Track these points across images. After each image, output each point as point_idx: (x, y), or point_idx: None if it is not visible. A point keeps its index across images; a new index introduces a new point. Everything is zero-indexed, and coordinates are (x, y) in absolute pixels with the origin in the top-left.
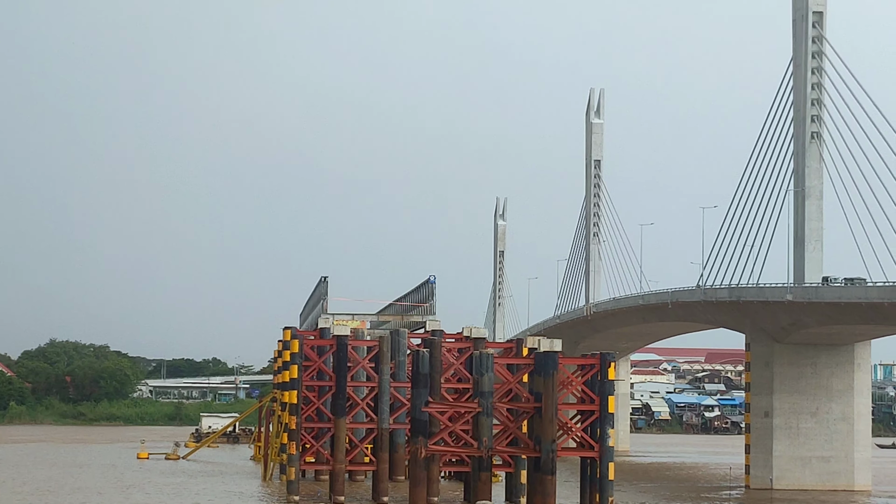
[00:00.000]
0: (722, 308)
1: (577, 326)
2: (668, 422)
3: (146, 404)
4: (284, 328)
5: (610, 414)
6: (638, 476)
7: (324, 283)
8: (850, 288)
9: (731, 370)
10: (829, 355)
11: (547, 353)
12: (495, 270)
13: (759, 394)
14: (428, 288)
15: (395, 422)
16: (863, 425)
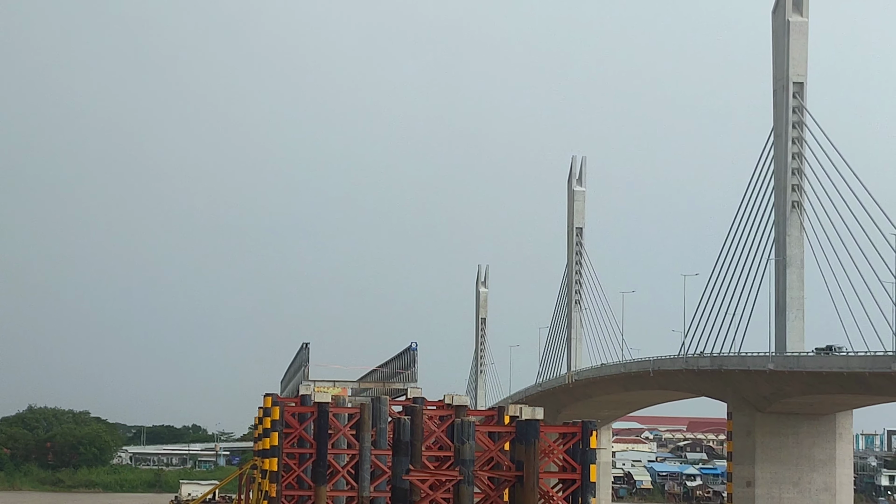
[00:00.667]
0: (704, 376)
1: (559, 394)
2: (649, 491)
3: (125, 471)
4: (265, 395)
5: (592, 483)
6: None
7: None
8: (832, 357)
9: (713, 439)
10: (810, 425)
11: (528, 422)
12: (477, 337)
13: (741, 463)
14: (409, 355)
15: (375, 490)
16: (845, 496)
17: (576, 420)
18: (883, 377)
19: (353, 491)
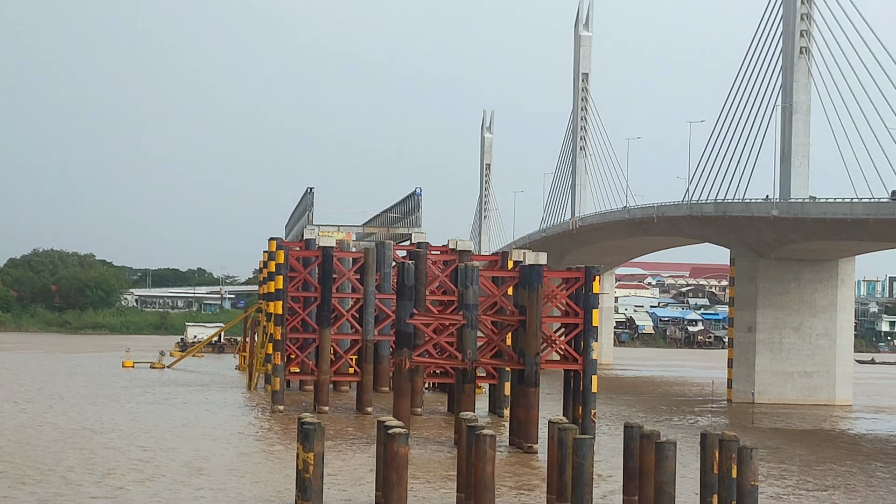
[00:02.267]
0: (707, 223)
1: (563, 240)
2: (651, 336)
3: (131, 313)
4: (270, 239)
5: (594, 327)
6: (621, 389)
7: (310, 194)
8: (836, 204)
9: (715, 285)
10: (813, 271)
11: (532, 267)
12: (481, 183)
13: (743, 308)
14: (414, 200)
15: (379, 333)
16: (845, 341)
17: (579, 265)
18: (886, 224)
19: (357, 334)
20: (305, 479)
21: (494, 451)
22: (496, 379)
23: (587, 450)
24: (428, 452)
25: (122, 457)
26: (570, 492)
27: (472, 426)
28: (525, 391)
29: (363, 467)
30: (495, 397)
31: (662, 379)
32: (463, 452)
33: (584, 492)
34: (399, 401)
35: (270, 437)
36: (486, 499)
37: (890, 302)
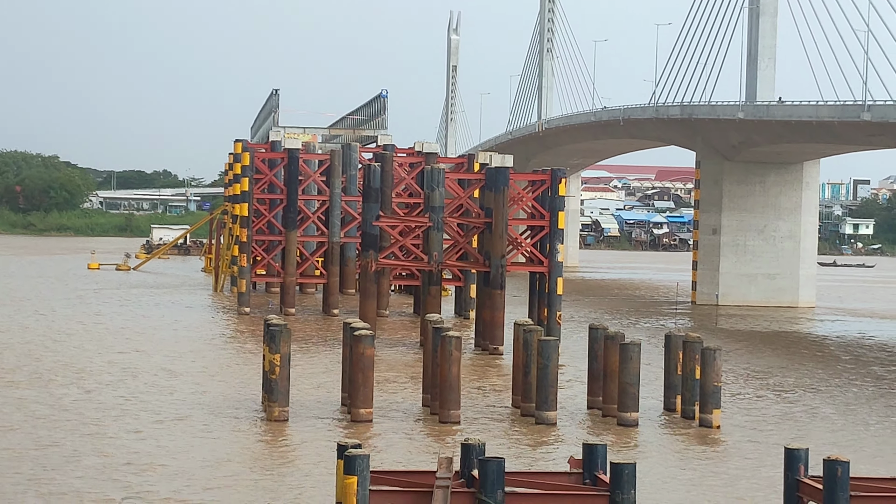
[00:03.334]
0: (673, 125)
1: (529, 143)
2: (617, 238)
3: (96, 215)
4: (235, 141)
5: (560, 230)
6: (586, 291)
7: (275, 95)
8: (801, 107)
9: (680, 188)
10: (777, 174)
11: (498, 169)
12: (448, 86)
13: (708, 211)
14: (380, 102)
15: (345, 235)
16: (809, 243)
17: (545, 168)
18: (851, 126)
19: (323, 236)
20: (272, 380)
21: (460, 352)
22: (462, 281)
23: (552, 351)
24: (394, 354)
25: (92, 359)
26: (534, 393)
27: (438, 328)
28: (491, 293)
29: (329, 369)
30: (461, 299)
31: (627, 281)
32: (429, 354)
33: (549, 393)
34: (365, 303)
35: (237, 338)
36: (451, 400)
37: (853, 205)
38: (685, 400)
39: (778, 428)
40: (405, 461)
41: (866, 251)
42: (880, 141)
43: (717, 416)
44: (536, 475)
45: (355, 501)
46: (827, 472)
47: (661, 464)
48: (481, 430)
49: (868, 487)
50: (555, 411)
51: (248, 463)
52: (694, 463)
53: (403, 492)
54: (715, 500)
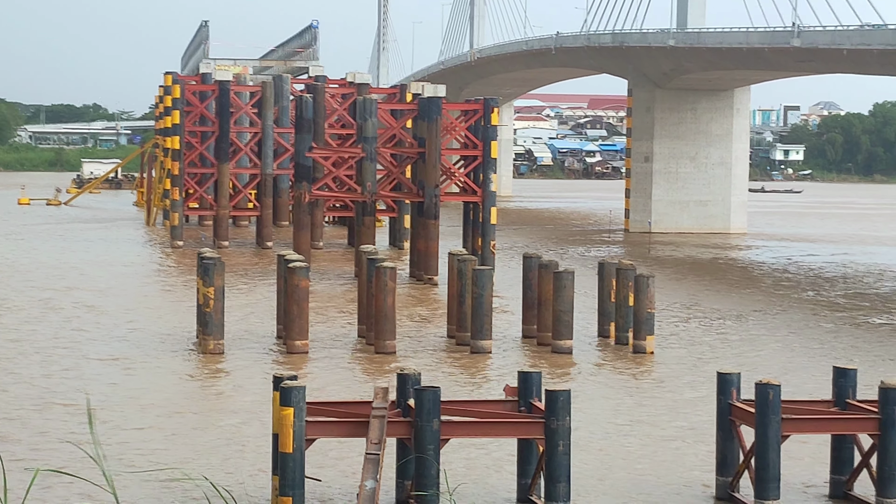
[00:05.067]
0: (605, 53)
1: (462, 72)
2: (550, 167)
3: (26, 150)
4: (165, 73)
5: (493, 159)
6: (520, 220)
7: (205, 27)
8: (731, 33)
9: (612, 116)
10: (709, 101)
11: (431, 99)
12: (379, 15)
13: (640, 139)
14: (311, 33)
15: (278, 167)
16: (740, 170)
17: (478, 97)
18: (781, 52)
19: (256, 168)
20: (206, 313)
21: (395, 282)
22: (396, 212)
23: (486, 280)
24: (328, 285)
25: (22, 294)
26: (469, 322)
27: (373, 259)
28: (425, 223)
29: (264, 301)
30: (395, 230)
31: (561, 210)
32: (363, 285)
33: (484, 322)
34: (299, 234)
35: (170, 272)
36: (386, 330)
37: (784, 131)
38: (619, 327)
39: (710, 353)
40: (341, 392)
41: (797, 177)
42: (810, 67)
43: (650, 342)
44: (472, 403)
45: (292, 433)
46: (759, 396)
47: (595, 390)
48: (417, 360)
49: (798, 410)
50: (490, 340)
51: (182, 396)
52: (628, 389)
53: (340, 422)
54: (648, 425)
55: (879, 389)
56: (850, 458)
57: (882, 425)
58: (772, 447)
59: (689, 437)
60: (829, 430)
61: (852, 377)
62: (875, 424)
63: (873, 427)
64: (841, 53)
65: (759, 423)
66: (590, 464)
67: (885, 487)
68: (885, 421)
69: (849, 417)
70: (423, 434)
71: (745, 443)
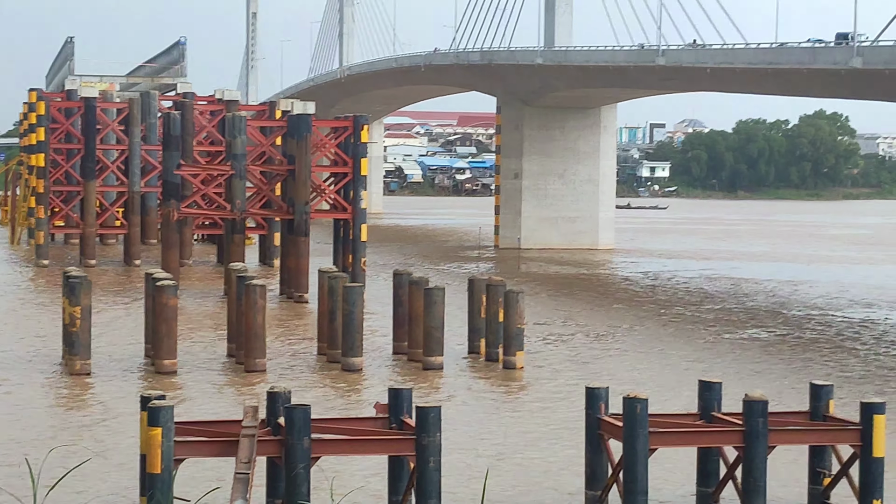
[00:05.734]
0: (474, 71)
1: (331, 89)
2: (420, 184)
3: None
4: (30, 90)
5: (363, 176)
6: (391, 238)
7: (70, 43)
8: (598, 51)
9: (482, 133)
10: (577, 118)
11: (300, 116)
12: (248, 32)
13: (509, 156)
14: (179, 50)
15: (146, 185)
16: (607, 186)
17: (347, 115)
18: (646, 70)
19: (123, 186)
20: (72, 333)
21: (265, 300)
22: (266, 229)
23: (357, 297)
24: (198, 304)
25: None
26: (340, 339)
27: (242, 276)
28: (295, 241)
29: (132, 320)
30: (265, 248)
31: (431, 227)
32: (233, 303)
33: (355, 339)
34: (167, 253)
35: (35, 292)
36: (256, 348)
37: (650, 148)
38: (489, 343)
39: (579, 368)
40: (211, 411)
41: (663, 193)
42: (674, 85)
43: (520, 357)
44: (343, 421)
45: (160, 453)
46: (626, 410)
47: (466, 406)
48: (287, 378)
49: (665, 423)
50: (361, 357)
51: (48, 418)
52: (498, 404)
53: (209, 442)
54: (518, 440)
55: (744, 402)
56: (716, 471)
57: (746, 437)
58: (639, 460)
59: (559, 451)
60: (695, 443)
61: (717, 390)
62: (740, 437)
63: (738, 439)
64: (704, 72)
65: (627, 437)
66: (460, 480)
67: (750, 499)
68: (749, 433)
69: (714, 430)
70: (293, 452)
71: (613, 456)
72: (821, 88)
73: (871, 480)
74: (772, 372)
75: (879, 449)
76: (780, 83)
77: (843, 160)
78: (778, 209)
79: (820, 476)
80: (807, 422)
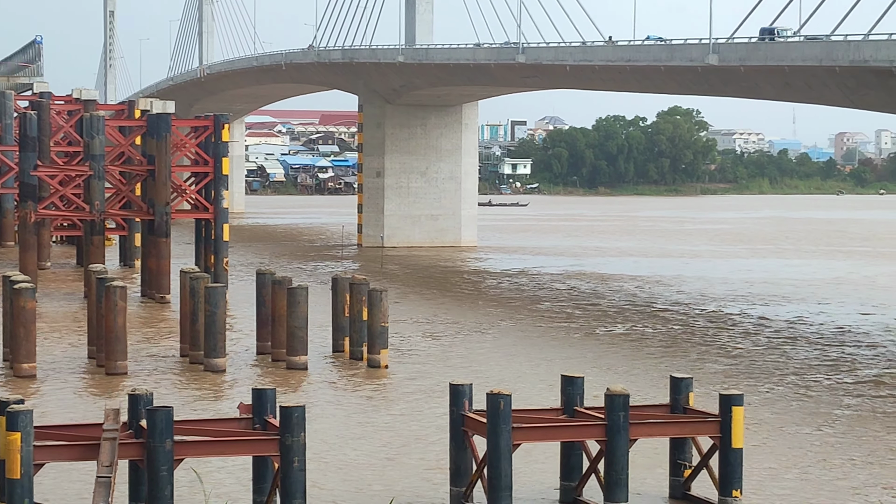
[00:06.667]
0: (335, 70)
1: (191, 88)
2: (283, 184)
3: None
4: None
5: (224, 176)
6: (253, 237)
7: None
8: (459, 49)
9: (344, 132)
10: (438, 116)
11: (160, 115)
12: (105, 31)
13: (372, 154)
14: (34, 49)
15: (2, 186)
16: (470, 184)
17: (208, 114)
18: (507, 68)
19: None
20: None
21: (126, 302)
22: (126, 230)
23: (219, 298)
24: (57, 307)
25: None
26: (203, 340)
27: (102, 278)
28: (156, 241)
29: None
30: (126, 249)
31: (295, 226)
32: (93, 305)
33: (217, 340)
34: (25, 255)
35: None
36: (117, 350)
37: (512, 145)
38: (353, 341)
39: (444, 365)
40: (71, 415)
41: (525, 190)
42: (535, 82)
43: (384, 355)
44: (206, 422)
45: (19, 458)
46: (490, 406)
47: (330, 405)
48: (149, 380)
49: (529, 419)
50: (224, 358)
51: None
52: (363, 403)
53: (69, 446)
54: (384, 438)
55: (605, 396)
56: (579, 465)
57: (608, 431)
58: (503, 456)
59: (424, 448)
60: (559, 438)
61: (579, 385)
62: (602, 430)
63: (600, 433)
64: (564, 69)
65: (491, 433)
66: (326, 479)
67: (613, 492)
68: (611, 427)
69: (576, 424)
70: (156, 455)
71: (477, 453)
72: (678, 85)
73: (730, 471)
74: (636, 366)
75: (738, 440)
76: (639, 80)
77: (700, 156)
78: (638, 205)
79: (681, 468)
80: (667, 414)
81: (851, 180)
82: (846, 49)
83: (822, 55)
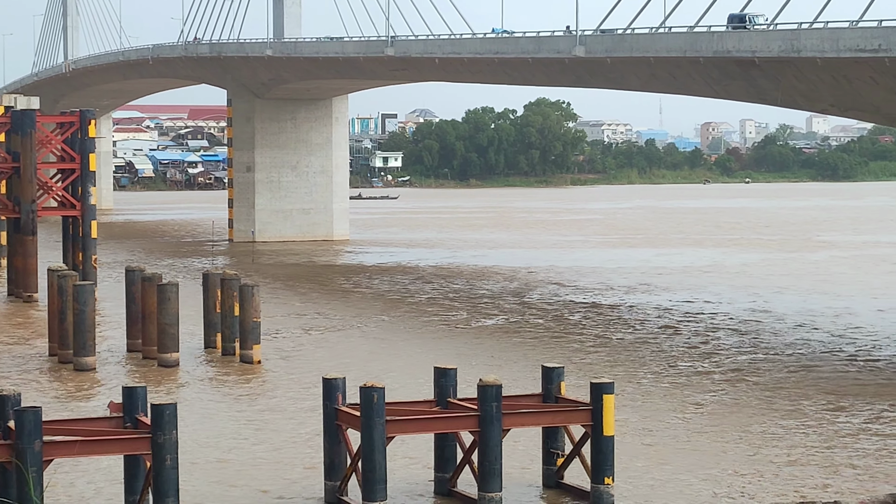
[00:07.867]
0: (203, 64)
1: (56, 84)
2: (152, 179)
3: None
4: None
5: (91, 172)
6: (123, 234)
7: None
8: (328, 43)
9: (214, 126)
10: (308, 110)
11: (24, 112)
12: None
13: (242, 149)
14: None
15: None
16: (341, 177)
17: (74, 109)
18: (376, 61)
19: None
20: None
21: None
22: None
23: (88, 296)
24: None
25: None
26: (71, 339)
27: None
28: (22, 240)
29: None
30: None
31: (165, 222)
32: None
33: (87, 338)
34: None
35: None
36: None
37: (382, 138)
38: (225, 337)
39: (318, 360)
40: None
41: (396, 183)
42: (404, 75)
43: (257, 351)
44: (76, 422)
45: None
46: (363, 399)
47: (203, 402)
48: (17, 379)
49: (402, 412)
50: (94, 356)
51: None
52: (236, 398)
53: None
54: (258, 434)
55: (478, 387)
56: (454, 456)
57: (481, 422)
58: (377, 449)
59: (299, 443)
60: (432, 430)
61: (452, 376)
62: (475, 421)
63: (474, 424)
64: (433, 62)
65: (365, 426)
66: (200, 477)
67: (487, 482)
68: (483, 417)
69: (449, 416)
70: (24, 456)
71: (351, 446)
72: (546, 77)
73: (602, 459)
74: (510, 357)
75: (609, 428)
76: (507, 72)
77: (570, 147)
78: (509, 197)
79: (554, 456)
80: (539, 404)
81: (717, 169)
82: (710, 40)
83: (687, 46)
